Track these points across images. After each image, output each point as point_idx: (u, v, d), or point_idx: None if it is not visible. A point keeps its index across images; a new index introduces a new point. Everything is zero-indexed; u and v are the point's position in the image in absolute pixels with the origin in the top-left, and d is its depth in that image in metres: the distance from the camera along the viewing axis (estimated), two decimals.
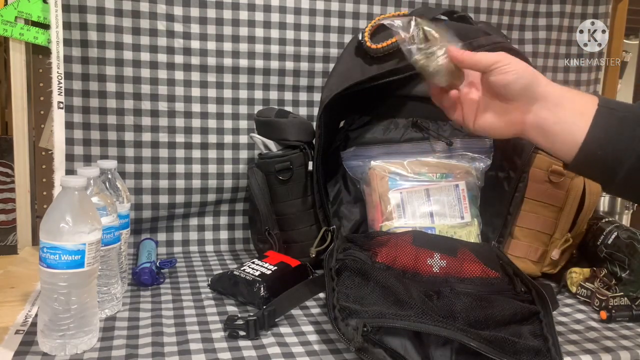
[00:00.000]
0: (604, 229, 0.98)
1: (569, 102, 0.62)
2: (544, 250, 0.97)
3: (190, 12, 1.06)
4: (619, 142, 0.60)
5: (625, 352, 0.73)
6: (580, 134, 0.61)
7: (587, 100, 0.63)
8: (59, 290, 0.66)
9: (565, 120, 0.62)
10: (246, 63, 1.10)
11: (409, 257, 0.80)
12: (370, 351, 0.61)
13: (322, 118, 0.94)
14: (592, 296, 0.88)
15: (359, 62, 0.94)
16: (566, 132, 0.62)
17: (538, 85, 0.64)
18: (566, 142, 0.62)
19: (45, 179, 1.07)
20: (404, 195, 0.94)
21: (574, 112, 0.62)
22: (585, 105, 0.62)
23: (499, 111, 0.67)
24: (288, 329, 0.76)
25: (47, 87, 1.04)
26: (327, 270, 0.77)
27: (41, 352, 0.66)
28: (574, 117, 0.62)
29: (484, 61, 0.66)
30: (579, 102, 0.63)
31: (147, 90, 1.06)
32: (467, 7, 1.19)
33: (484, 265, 0.80)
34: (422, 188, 0.94)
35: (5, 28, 1.02)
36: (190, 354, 0.67)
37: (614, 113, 0.61)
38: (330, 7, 1.13)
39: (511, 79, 0.64)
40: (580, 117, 0.61)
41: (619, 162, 0.60)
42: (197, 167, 1.11)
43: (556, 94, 0.63)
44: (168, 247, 1.11)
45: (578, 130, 0.61)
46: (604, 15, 1.27)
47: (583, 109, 0.62)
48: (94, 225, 0.68)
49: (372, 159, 0.96)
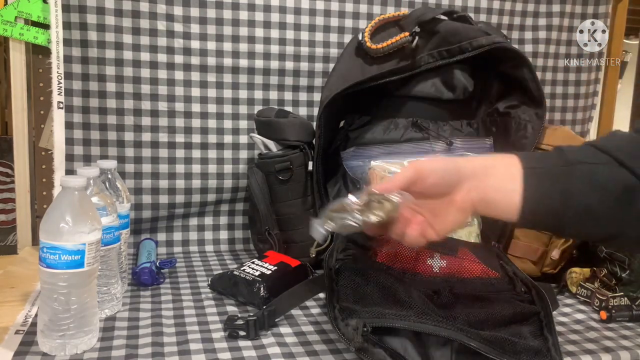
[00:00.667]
0: None
1: (495, 170, 0.63)
2: (544, 250, 0.97)
3: (190, 12, 1.06)
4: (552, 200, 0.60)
5: (625, 352, 0.73)
6: (517, 198, 0.61)
7: (509, 163, 0.63)
8: (59, 290, 0.66)
9: (502, 187, 0.62)
10: (246, 63, 1.10)
11: (409, 257, 0.80)
12: (370, 351, 0.61)
13: (322, 118, 0.94)
14: (592, 296, 0.88)
15: (359, 62, 0.94)
16: (507, 198, 0.62)
17: (458, 168, 0.63)
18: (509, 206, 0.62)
19: (45, 179, 1.07)
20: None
21: (505, 178, 0.62)
22: (510, 168, 0.62)
23: (446, 207, 0.65)
24: (288, 329, 0.76)
25: (47, 87, 1.04)
26: (327, 270, 0.77)
27: (41, 352, 0.66)
28: (507, 182, 0.62)
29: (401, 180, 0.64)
30: (503, 167, 0.63)
31: (147, 90, 1.06)
32: (467, 7, 1.19)
33: (484, 265, 0.80)
34: None
35: (5, 28, 1.02)
36: (190, 354, 0.67)
37: (536, 172, 0.61)
38: (330, 7, 1.13)
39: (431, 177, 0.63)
40: (513, 181, 0.61)
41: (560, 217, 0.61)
42: (197, 167, 1.11)
43: (478, 166, 0.63)
44: (168, 247, 1.11)
45: (515, 195, 0.61)
46: (604, 15, 1.27)
47: (511, 172, 0.62)
48: (93, 225, 0.67)
49: (372, 159, 0.96)
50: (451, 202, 0.63)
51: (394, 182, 0.64)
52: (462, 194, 0.63)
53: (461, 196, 0.63)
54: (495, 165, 0.63)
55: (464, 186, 0.63)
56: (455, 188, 0.63)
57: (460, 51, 0.92)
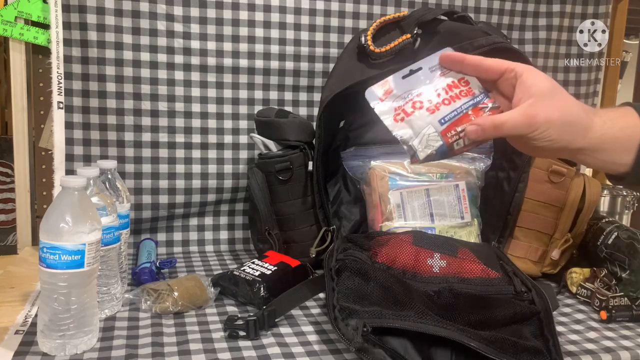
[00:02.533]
0: (604, 229, 0.98)
1: (609, 145, 0.60)
2: (544, 251, 0.97)
3: (190, 12, 1.06)
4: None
5: (625, 352, 0.73)
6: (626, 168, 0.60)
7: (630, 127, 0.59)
8: (58, 290, 0.65)
9: (608, 160, 0.60)
10: (246, 63, 1.10)
11: (409, 257, 0.80)
12: (370, 351, 0.61)
13: (322, 118, 0.94)
14: (592, 296, 0.88)
15: (359, 63, 0.94)
16: (610, 168, 0.61)
17: (573, 143, 0.59)
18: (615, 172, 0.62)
19: (45, 179, 1.07)
20: (404, 195, 0.94)
21: (616, 153, 0.60)
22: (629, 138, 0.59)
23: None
24: (288, 329, 0.75)
25: (47, 87, 1.04)
26: (327, 270, 0.77)
27: (41, 352, 0.66)
28: (618, 157, 0.60)
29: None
30: (621, 140, 0.59)
31: (147, 90, 1.06)
32: (467, 7, 1.19)
33: (484, 265, 0.80)
34: (422, 188, 0.94)
35: (5, 28, 1.02)
36: (190, 354, 0.67)
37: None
38: (330, 7, 1.13)
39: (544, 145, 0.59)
40: (625, 155, 0.59)
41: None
42: (197, 167, 1.11)
43: (594, 141, 0.59)
44: (168, 247, 1.11)
45: (623, 166, 0.60)
46: (604, 15, 1.27)
47: (626, 145, 0.59)
48: (93, 225, 0.67)
49: (372, 159, 0.96)
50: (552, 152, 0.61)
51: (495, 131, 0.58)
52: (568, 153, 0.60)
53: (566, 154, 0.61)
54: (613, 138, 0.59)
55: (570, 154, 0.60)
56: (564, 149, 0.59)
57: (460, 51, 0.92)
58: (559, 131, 0.58)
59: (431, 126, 0.60)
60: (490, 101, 0.61)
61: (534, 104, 0.58)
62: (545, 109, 0.57)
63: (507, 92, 0.61)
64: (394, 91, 0.63)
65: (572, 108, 0.59)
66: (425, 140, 0.60)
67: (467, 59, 0.62)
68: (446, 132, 0.60)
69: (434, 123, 0.60)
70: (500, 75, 0.61)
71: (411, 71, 0.64)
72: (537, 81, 0.59)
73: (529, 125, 0.57)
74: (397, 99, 0.63)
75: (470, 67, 0.62)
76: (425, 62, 0.64)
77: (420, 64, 0.64)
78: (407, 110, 0.62)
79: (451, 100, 0.61)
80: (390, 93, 0.63)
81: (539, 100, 0.58)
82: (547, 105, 0.58)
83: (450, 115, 0.60)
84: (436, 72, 0.63)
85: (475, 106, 0.61)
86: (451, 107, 0.61)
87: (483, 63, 0.61)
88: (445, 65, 0.63)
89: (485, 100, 0.61)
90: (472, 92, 0.62)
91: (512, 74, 0.60)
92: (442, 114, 0.60)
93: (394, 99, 0.63)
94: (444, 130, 0.60)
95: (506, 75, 0.60)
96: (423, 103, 0.61)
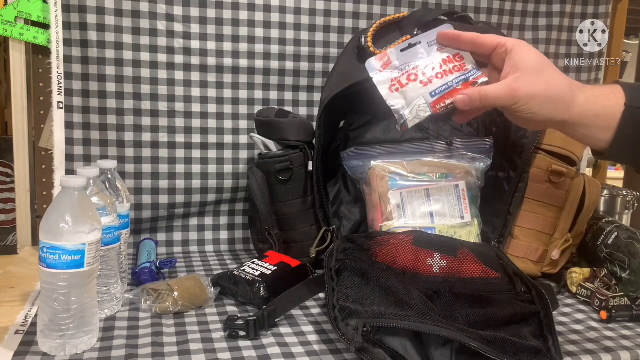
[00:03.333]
0: (604, 229, 0.98)
1: (590, 120, 0.62)
2: (544, 251, 0.97)
3: (190, 12, 1.06)
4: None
5: (625, 352, 0.73)
6: (605, 144, 0.62)
7: (612, 105, 0.61)
8: (58, 290, 0.65)
9: (589, 136, 0.62)
10: (246, 63, 1.10)
11: (409, 257, 0.80)
12: (370, 351, 0.61)
13: (322, 118, 0.94)
14: (592, 296, 0.88)
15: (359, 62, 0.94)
16: (591, 143, 0.63)
17: (555, 116, 0.62)
18: (592, 146, 0.64)
19: (45, 179, 1.07)
20: (404, 195, 0.94)
21: (597, 129, 0.62)
22: (609, 116, 0.61)
23: None
24: (288, 329, 0.75)
25: (47, 87, 1.04)
26: (327, 270, 0.77)
27: (41, 352, 0.66)
28: (598, 133, 0.62)
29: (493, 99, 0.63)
30: (602, 117, 0.61)
31: (147, 90, 1.06)
32: (467, 7, 1.19)
33: (484, 265, 0.80)
34: (422, 188, 0.94)
35: (5, 28, 1.02)
36: (190, 354, 0.67)
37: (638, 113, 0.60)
38: (330, 7, 1.13)
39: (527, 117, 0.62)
40: (605, 132, 0.61)
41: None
42: (197, 167, 1.11)
43: (576, 115, 0.61)
44: (168, 247, 1.11)
45: (603, 142, 0.62)
46: (604, 15, 1.27)
47: (607, 122, 0.61)
48: (93, 225, 0.67)
49: (372, 159, 0.96)
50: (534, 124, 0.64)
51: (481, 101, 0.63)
52: (553, 125, 0.63)
53: (551, 126, 0.63)
54: (593, 116, 0.61)
55: (553, 125, 0.63)
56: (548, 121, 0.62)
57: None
58: (540, 105, 0.61)
59: (422, 98, 0.66)
60: (481, 77, 0.66)
61: (519, 78, 0.62)
62: (528, 84, 0.61)
63: (498, 66, 0.65)
64: (392, 63, 0.69)
65: (557, 84, 0.62)
66: (415, 110, 0.66)
67: (463, 35, 0.67)
68: (435, 104, 0.66)
69: (425, 95, 0.66)
70: (493, 50, 0.65)
71: (410, 45, 0.69)
72: (526, 56, 0.63)
73: (511, 98, 0.62)
74: (394, 70, 0.68)
75: (465, 44, 0.67)
76: (424, 37, 0.69)
77: (420, 39, 0.69)
78: (402, 82, 0.67)
79: (444, 75, 0.67)
80: (388, 64, 0.69)
81: (524, 75, 0.62)
82: (532, 80, 0.61)
83: (441, 89, 0.66)
84: (433, 47, 0.68)
85: (466, 81, 0.66)
86: (443, 80, 0.66)
87: (477, 39, 0.66)
88: (443, 42, 0.68)
89: (476, 76, 0.66)
90: (464, 67, 0.67)
91: (503, 49, 0.64)
92: (433, 87, 0.66)
93: (392, 70, 0.69)
94: (433, 102, 0.66)
95: (498, 50, 0.64)
96: (418, 76, 0.67)
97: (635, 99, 0.61)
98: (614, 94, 0.62)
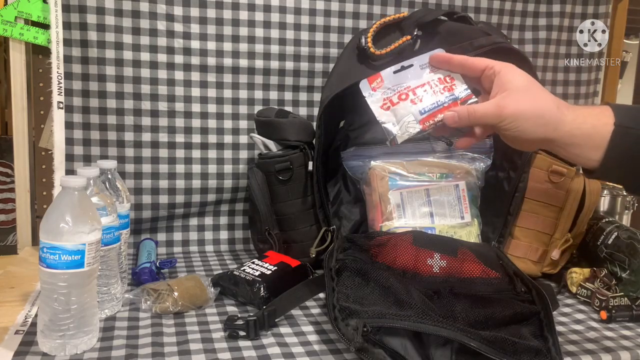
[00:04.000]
0: (604, 229, 0.98)
1: (580, 140, 0.62)
2: (544, 251, 0.97)
3: (190, 12, 1.06)
4: (637, 164, 0.61)
5: (625, 352, 0.73)
6: (596, 164, 0.62)
7: (601, 125, 0.61)
8: (58, 290, 0.65)
9: (580, 155, 0.63)
10: (246, 63, 1.10)
11: (409, 257, 0.80)
12: (370, 351, 0.61)
13: (322, 118, 0.94)
14: (592, 296, 0.88)
15: (359, 63, 0.94)
16: (582, 163, 0.63)
17: (544, 134, 0.62)
18: (585, 165, 0.64)
19: (45, 179, 1.07)
20: (404, 195, 0.94)
21: (587, 148, 0.62)
22: (599, 135, 0.61)
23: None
24: (288, 329, 0.76)
25: (47, 87, 1.04)
26: (327, 270, 0.77)
27: (41, 352, 0.66)
28: (588, 152, 0.62)
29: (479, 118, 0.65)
30: (592, 136, 0.61)
31: (147, 90, 1.06)
32: (467, 7, 1.19)
33: (484, 265, 0.80)
34: (422, 188, 0.94)
35: (5, 28, 1.02)
36: (190, 354, 0.67)
37: (630, 132, 0.60)
38: (330, 7, 1.13)
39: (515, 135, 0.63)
40: (595, 151, 0.61)
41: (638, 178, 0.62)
42: (197, 167, 1.11)
43: (565, 134, 0.62)
44: (168, 247, 1.11)
45: (593, 162, 0.62)
46: (604, 15, 1.27)
47: (597, 141, 0.61)
48: (93, 225, 0.67)
49: (372, 159, 0.96)
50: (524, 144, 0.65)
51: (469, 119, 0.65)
52: (542, 144, 0.63)
53: (541, 145, 0.64)
54: (586, 134, 0.62)
55: (543, 144, 0.64)
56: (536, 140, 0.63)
57: (460, 51, 0.92)
58: (527, 123, 0.62)
59: (412, 115, 0.68)
60: (470, 97, 0.68)
61: (506, 97, 0.63)
62: (515, 102, 0.62)
63: (487, 87, 0.67)
64: (384, 83, 0.71)
65: (544, 102, 0.63)
66: (404, 126, 0.68)
67: (454, 58, 0.70)
68: (424, 120, 0.68)
69: (414, 113, 0.68)
70: (482, 72, 0.67)
71: (402, 67, 0.71)
72: (513, 77, 0.64)
73: (499, 115, 0.63)
74: (387, 91, 0.71)
75: (456, 66, 0.70)
76: (416, 60, 0.71)
77: (412, 61, 0.71)
78: (394, 100, 0.69)
79: (434, 94, 0.69)
80: (381, 85, 0.71)
81: (511, 94, 0.63)
82: (519, 98, 0.63)
83: (431, 107, 0.68)
84: (426, 69, 0.71)
85: (455, 100, 0.68)
86: (433, 99, 0.68)
87: (466, 62, 0.69)
88: (435, 65, 0.71)
89: (465, 95, 0.68)
90: (455, 87, 0.69)
91: (491, 71, 0.66)
92: (423, 105, 0.68)
93: (384, 91, 0.71)
94: (422, 119, 0.67)
95: (486, 72, 0.66)
96: (409, 95, 0.69)
97: (624, 119, 0.61)
98: (603, 113, 0.62)
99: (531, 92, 0.64)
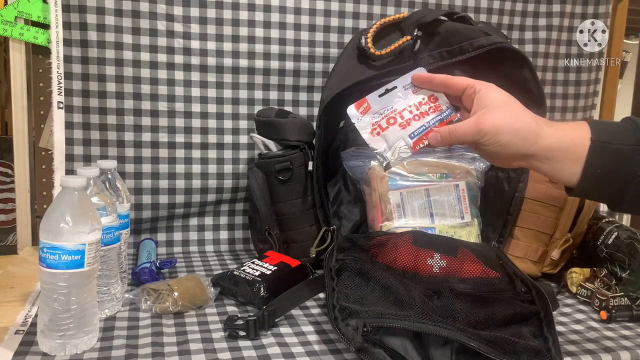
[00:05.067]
0: (604, 229, 0.98)
1: (559, 153, 0.63)
2: (544, 251, 0.97)
3: (190, 12, 1.06)
4: (615, 178, 0.61)
5: (625, 352, 0.73)
6: (575, 179, 0.63)
7: (580, 139, 0.62)
8: (58, 290, 0.65)
9: (560, 169, 0.63)
10: (246, 63, 1.10)
11: (409, 257, 0.80)
12: (370, 351, 0.61)
13: (322, 118, 0.94)
14: (592, 296, 0.88)
15: (359, 63, 0.94)
16: (562, 178, 0.64)
17: (524, 148, 0.63)
18: (564, 182, 0.65)
19: (45, 179, 1.07)
20: (404, 195, 0.94)
21: (567, 162, 0.63)
22: (578, 148, 0.62)
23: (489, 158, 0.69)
24: (288, 329, 0.76)
25: (47, 87, 1.04)
26: (327, 270, 0.77)
27: (41, 352, 0.66)
28: (568, 166, 0.63)
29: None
30: (571, 149, 0.63)
31: (147, 90, 1.06)
32: (467, 7, 1.19)
33: (484, 265, 0.80)
34: (422, 188, 0.95)
35: (5, 28, 1.02)
36: (190, 354, 0.67)
37: (607, 147, 0.61)
38: (330, 7, 1.13)
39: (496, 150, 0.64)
40: (575, 164, 0.62)
41: (617, 196, 0.62)
42: (197, 167, 1.11)
43: (545, 148, 0.63)
44: (168, 247, 1.11)
45: (573, 175, 0.63)
46: (604, 15, 1.27)
47: (576, 155, 0.62)
48: (93, 225, 0.67)
49: (372, 159, 0.96)
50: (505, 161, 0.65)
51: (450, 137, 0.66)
52: (521, 159, 0.64)
53: (520, 160, 0.64)
54: (565, 147, 0.63)
55: (524, 160, 0.64)
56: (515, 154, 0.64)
57: (460, 52, 0.92)
58: (507, 137, 0.63)
59: (402, 140, 0.70)
60: (454, 116, 0.70)
61: (485, 113, 0.64)
62: (493, 117, 0.64)
63: (469, 106, 0.68)
64: (371, 108, 0.72)
65: (521, 117, 0.64)
66: (397, 152, 0.70)
67: (435, 78, 0.71)
68: (415, 145, 0.70)
69: (404, 137, 0.70)
70: (463, 91, 0.68)
71: (387, 90, 0.73)
72: (493, 95, 0.66)
73: (478, 132, 0.64)
74: (374, 115, 0.72)
75: (437, 85, 0.71)
76: (399, 82, 0.73)
77: (395, 84, 0.72)
78: (383, 125, 0.71)
79: (421, 117, 0.70)
80: (368, 110, 0.73)
81: (489, 110, 0.64)
82: (497, 114, 0.64)
83: (419, 130, 0.70)
84: (409, 90, 0.72)
85: (441, 121, 0.70)
86: (420, 122, 0.70)
87: (448, 81, 0.70)
88: (417, 85, 0.72)
89: (450, 115, 0.70)
90: (439, 108, 0.71)
91: (472, 90, 0.67)
92: (412, 129, 0.70)
93: (372, 115, 0.72)
94: (413, 144, 0.70)
95: (467, 92, 0.68)
96: (396, 119, 0.71)
97: (601, 134, 0.62)
98: (580, 128, 0.63)
99: (510, 108, 0.65)
